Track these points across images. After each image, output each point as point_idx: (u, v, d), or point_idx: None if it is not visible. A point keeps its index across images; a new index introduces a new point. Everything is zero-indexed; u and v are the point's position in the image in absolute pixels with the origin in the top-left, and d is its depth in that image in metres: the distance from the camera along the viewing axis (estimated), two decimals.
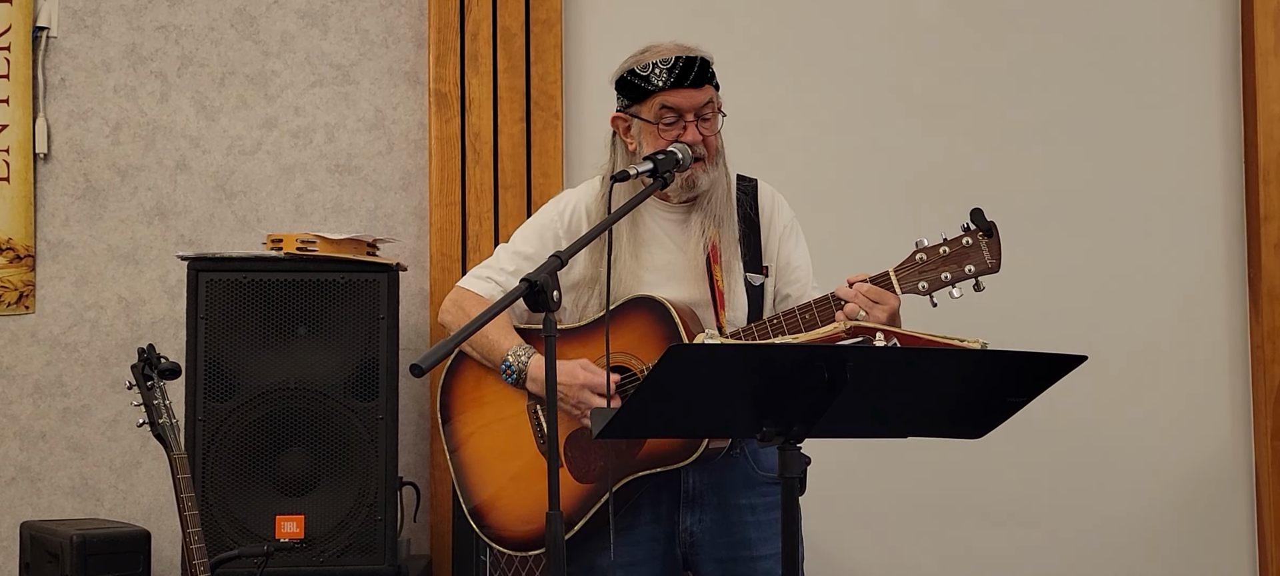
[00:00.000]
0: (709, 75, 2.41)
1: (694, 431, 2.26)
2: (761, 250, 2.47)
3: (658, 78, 2.37)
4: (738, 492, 2.44)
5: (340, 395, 3.12)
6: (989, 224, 2.23)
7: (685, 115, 2.39)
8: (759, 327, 2.34)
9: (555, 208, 2.57)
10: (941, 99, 3.78)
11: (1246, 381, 3.82)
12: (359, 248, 3.24)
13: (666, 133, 2.40)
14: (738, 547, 2.43)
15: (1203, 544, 3.83)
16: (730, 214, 2.45)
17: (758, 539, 2.41)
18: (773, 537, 2.42)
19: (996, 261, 2.24)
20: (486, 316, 1.97)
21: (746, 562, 2.42)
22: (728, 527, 2.42)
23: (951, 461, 3.57)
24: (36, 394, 3.63)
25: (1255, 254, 3.80)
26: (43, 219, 3.65)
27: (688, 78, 2.37)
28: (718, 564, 2.41)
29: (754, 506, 2.42)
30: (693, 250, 2.44)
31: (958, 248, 2.25)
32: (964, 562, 3.75)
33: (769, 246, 2.49)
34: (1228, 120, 3.85)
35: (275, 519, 3.10)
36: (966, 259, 2.24)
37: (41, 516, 3.55)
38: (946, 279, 2.25)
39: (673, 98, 2.38)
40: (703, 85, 2.39)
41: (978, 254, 2.24)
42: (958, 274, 2.25)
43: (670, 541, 2.42)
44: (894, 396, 1.94)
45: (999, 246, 2.24)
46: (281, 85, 3.70)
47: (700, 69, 2.39)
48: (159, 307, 3.64)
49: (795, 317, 2.30)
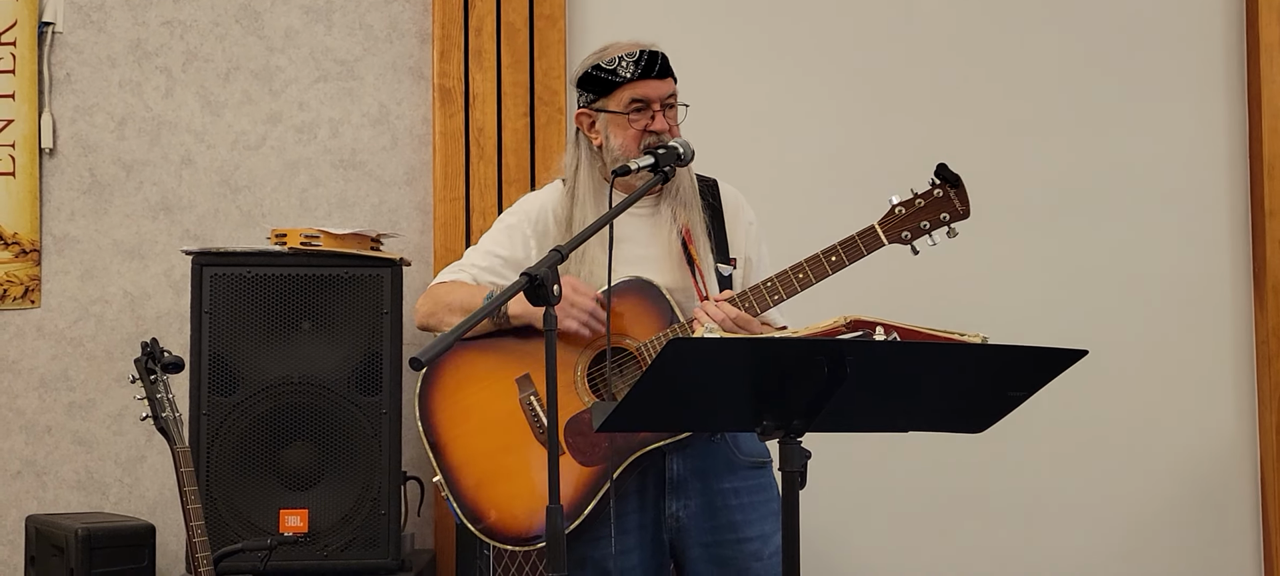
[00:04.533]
0: (670, 67, 2.53)
1: (694, 424, 2.27)
2: (727, 242, 2.54)
3: (625, 70, 2.47)
4: (721, 477, 2.49)
5: (344, 390, 3.13)
6: (954, 176, 2.46)
7: (652, 104, 2.48)
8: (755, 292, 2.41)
9: (521, 209, 2.64)
10: (944, 94, 3.77)
11: (1251, 375, 3.82)
12: (363, 242, 3.24)
13: (635, 122, 2.49)
14: (722, 531, 2.47)
15: (1208, 537, 3.83)
16: (696, 203, 2.53)
17: (742, 521, 2.44)
18: (756, 520, 2.47)
19: (966, 208, 2.48)
20: (487, 310, 1.97)
21: (732, 545, 2.46)
22: (712, 512, 2.47)
23: (953, 456, 3.57)
24: (42, 388, 3.64)
25: (1260, 248, 3.79)
26: (48, 213, 3.66)
27: (654, 69, 2.48)
28: (704, 548, 2.44)
29: (737, 490, 2.46)
30: (665, 240, 2.50)
31: (930, 199, 2.47)
32: (966, 558, 3.75)
33: (735, 238, 2.57)
34: (1232, 115, 3.84)
35: (279, 513, 3.11)
36: (940, 208, 2.47)
37: (47, 510, 3.57)
38: (925, 227, 2.46)
39: (640, 88, 2.47)
40: (666, 77, 2.51)
41: (949, 203, 2.47)
42: (934, 221, 2.46)
43: (657, 527, 2.46)
44: (894, 390, 1.94)
45: (966, 194, 2.48)
46: (286, 80, 3.70)
47: (664, 61, 2.51)
48: (164, 302, 3.65)
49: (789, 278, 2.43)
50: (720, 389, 1.89)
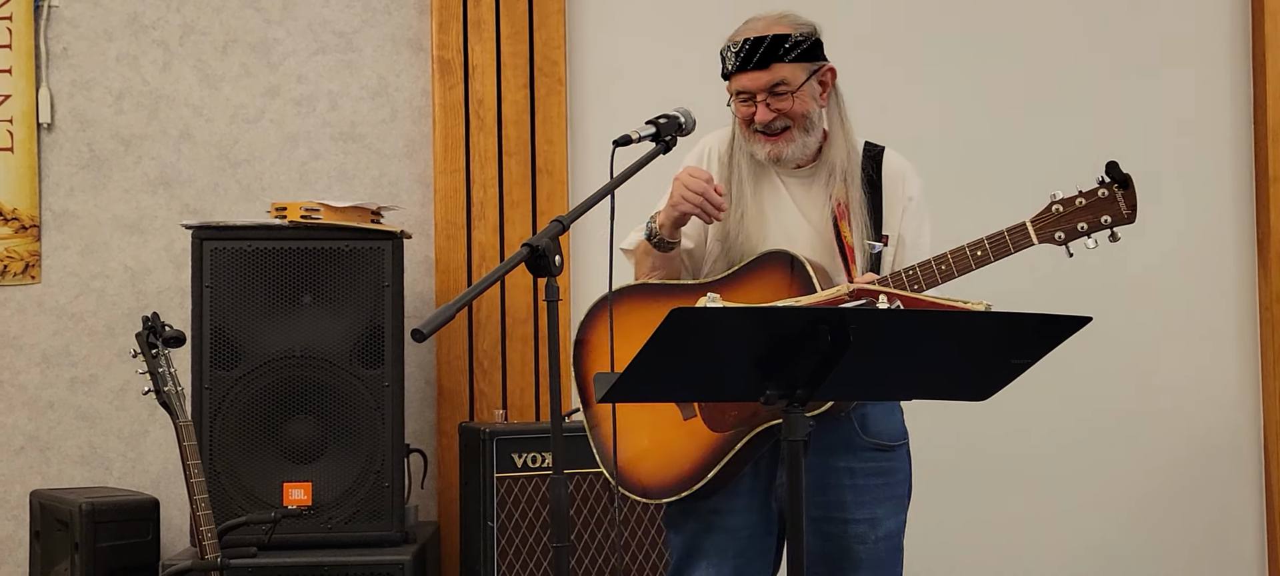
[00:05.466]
0: (780, 54, 2.41)
1: (698, 394, 2.26)
2: (882, 218, 2.47)
3: (728, 62, 2.44)
4: (838, 455, 2.43)
5: (346, 363, 3.12)
6: (1125, 176, 2.35)
7: (756, 96, 2.42)
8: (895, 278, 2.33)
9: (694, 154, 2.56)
10: (949, 63, 3.76)
11: (1255, 342, 3.81)
12: (363, 215, 3.23)
13: (742, 111, 2.45)
14: (831, 508, 2.42)
15: (1210, 505, 3.83)
16: (854, 178, 2.45)
17: (853, 502, 2.40)
18: (868, 503, 2.42)
19: (1132, 212, 2.36)
20: (488, 281, 1.97)
21: (838, 524, 2.42)
22: (824, 488, 2.42)
23: (957, 426, 3.56)
24: (44, 363, 3.64)
25: (1264, 215, 3.78)
26: (47, 189, 3.65)
27: (750, 61, 2.41)
28: (811, 522, 2.39)
29: (853, 470, 2.42)
30: (817, 216, 2.45)
31: (1094, 199, 2.36)
32: (970, 528, 3.75)
33: (891, 216, 2.48)
34: (1237, 81, 3.82)
35: (282, 486, 3.11)
36: (1103, 210, 2.35)
37: (51, 485, 3.57)
38: (1083, 229, 2.36)
39: (739, 81, 2.43)
40: (770, 65, 2.41)
41: (1113, 205, 2.36)
42: (1094, 224, 2.36)
43: (767, 494, 2.44)
44: (898, 358, 1.93)
45: (1134, 197, 2.36)
46: (284, 53, 3.68)
47: (767, 49, 2.41)
48: (164, 277, 3.65)
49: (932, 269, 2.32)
50: (724, 357, 1.89)
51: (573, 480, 3.13)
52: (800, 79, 2.42)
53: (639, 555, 3.21)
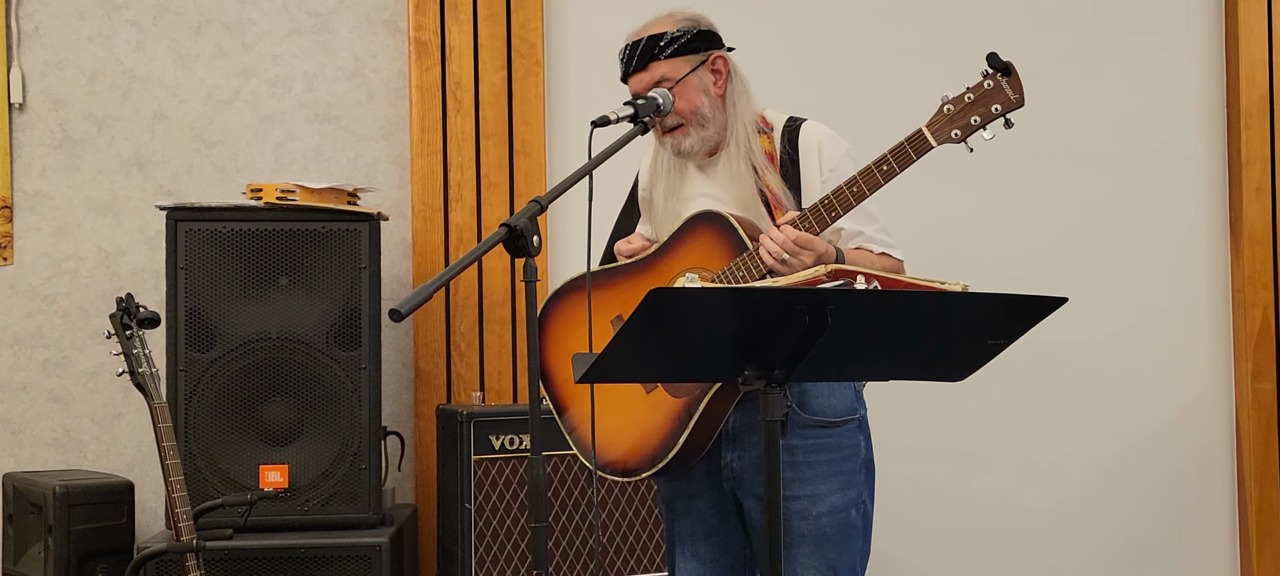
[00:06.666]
0: (656, 52, 2.46)
1: (677, 375, 2.27)
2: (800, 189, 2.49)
3: (621, 68, 2.51)
4: None
5: (322, 345, 3.11)
6: (1005, 64, 2.36)
7: None
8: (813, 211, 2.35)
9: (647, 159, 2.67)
10: (923, 43, 3.76)
11: (1227, 324, 3.85)
12: (340, 197, 3.22)
13: None
14: None
15: (1184, 485, 3.87)
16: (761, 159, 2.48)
17: (792, 479, 2.43)
18: (809, 479, 2.44)
19: (1020, 96, 2.37)
20: (466, 261, 1.97)
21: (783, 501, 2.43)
22: None
23: (933, 406, 3.58)
24: (16, 346, 3.61)
25: (1237, 197, 3.81)
26: (19, 170, 3.61)
27: (631, 64, 2.48)
28: (757, 500, 2.44)
29: (792, 447, 2.43)
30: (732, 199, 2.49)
31: (981, 91, 2.37)
32: (946, 506, 3.78)
33: (810, 185, 2.50)
34: (1210, 64, 3.85)
35: (259, 468, 3.10)
36: (992, 99, 2.36)
37: (24, 468, 3.55)
38: (976, 122, 2.37)
39: (630, 86, 2.49)
40: (648, 65, 2.46)
41: (1001, 93, 2.36)
42: (986, 115, 2.37)
43: (718, 475, 2.48)
44: (875, 339, 1.94)
45: (1020, 82, 2.37)
46: (258, 33, 3.66)
47: (643, 50, 2.47)
48: (138, 258, 3.62)
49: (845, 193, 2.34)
50: (702, 338, 1.89)
51: (550, 461, 3.14)
52: (681, 72, 2.46)
53: (616, 536, 3.21)
